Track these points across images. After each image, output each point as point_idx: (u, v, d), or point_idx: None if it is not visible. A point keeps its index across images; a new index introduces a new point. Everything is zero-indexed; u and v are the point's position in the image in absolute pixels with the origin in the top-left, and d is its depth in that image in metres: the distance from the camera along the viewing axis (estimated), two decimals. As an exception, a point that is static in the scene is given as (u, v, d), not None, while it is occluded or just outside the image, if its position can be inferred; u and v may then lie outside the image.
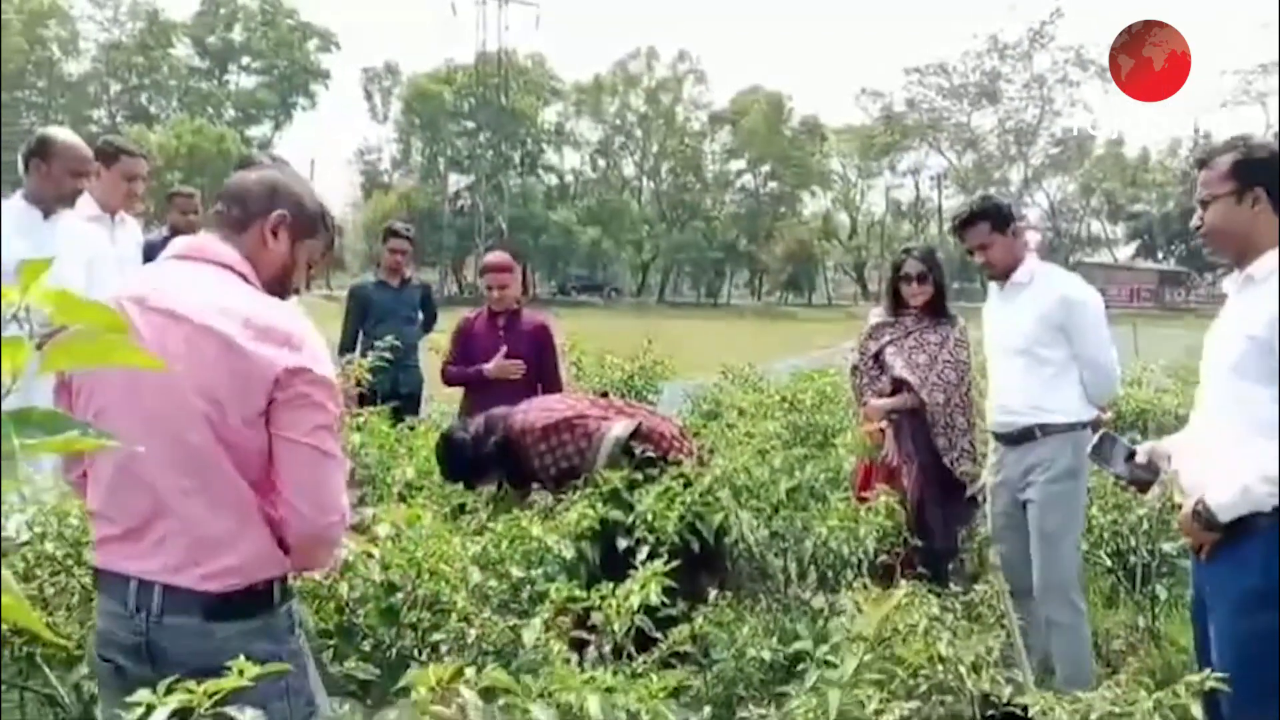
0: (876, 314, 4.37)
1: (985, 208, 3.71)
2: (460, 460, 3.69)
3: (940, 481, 4.07)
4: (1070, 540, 3.63)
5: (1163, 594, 4.27)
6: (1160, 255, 62.16)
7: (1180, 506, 2.55)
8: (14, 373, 0.56)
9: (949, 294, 4.29)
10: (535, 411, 3.70)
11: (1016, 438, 3.66)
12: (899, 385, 4.16)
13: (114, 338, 0.59)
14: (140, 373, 1.65)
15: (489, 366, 4.79)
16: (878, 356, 4.24)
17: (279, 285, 1.88)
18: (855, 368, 4.35)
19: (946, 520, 4.04)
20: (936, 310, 4.22)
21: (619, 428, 3.60)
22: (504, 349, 4.82)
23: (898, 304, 4.25)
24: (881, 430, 4.09)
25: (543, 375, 4.88)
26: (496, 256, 5.15)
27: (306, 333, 1.76)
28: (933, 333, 4.19)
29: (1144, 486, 2.75)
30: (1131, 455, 2.69)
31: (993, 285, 3.82)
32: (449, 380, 5.11)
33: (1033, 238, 3.67)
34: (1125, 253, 65.42)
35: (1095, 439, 2.79)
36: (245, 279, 1.81)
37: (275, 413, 1.71)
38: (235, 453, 1.71)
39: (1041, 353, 3.59)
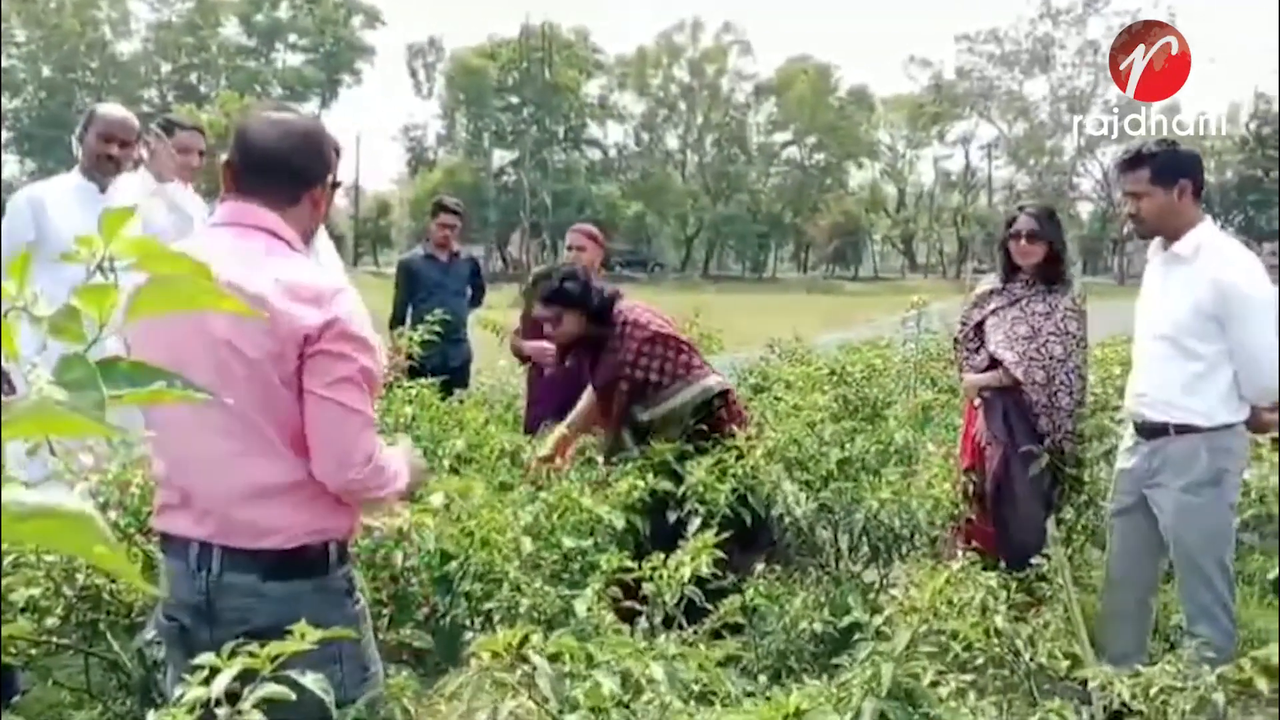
0: (989, 281, 4.06)
1: (1152, 152, 3.12)
2: (564, 292, 3.65)
3: (1028, 467, 3.76)
4: (1215, 559, 3.13)
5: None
6: (1220, 225, 60.61)
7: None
8: (102, 320, 0.56)
9: (1064, 258, 3.91)
10: (653, 314, 3.75)
11: (1148, 431, 3.22)
12: (995, 361, 3.88)
13: (201, 283, 0.59)
14: (181, 342, 1.69)
15: (531, 346, 4.82)
16: (980, 327, 3.96)
17: (309, 235, 1.91)
18: (957, 339, 4.13)
19: (1033, 510, 3.73)
20: (1050, 276, 3.87)
21: (714, 381, 3.65)
22: None
23: (1010, 269, 3.92)
24: (974, 407, 3.94)
25: None
26: (584, 225, 5.38)
27: (338, 289, 1.75)
28: (1040, 302, 3.84)
29: None
30: None
31: (1154, 245, 3.27)
32: (516, 351, 5.11)
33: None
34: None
35: None
36: (289, 245, 1.81)
37: (304, 370, 1.73)
38: (276, 415, 1.73)
39: (1189, 344, 3.08)
